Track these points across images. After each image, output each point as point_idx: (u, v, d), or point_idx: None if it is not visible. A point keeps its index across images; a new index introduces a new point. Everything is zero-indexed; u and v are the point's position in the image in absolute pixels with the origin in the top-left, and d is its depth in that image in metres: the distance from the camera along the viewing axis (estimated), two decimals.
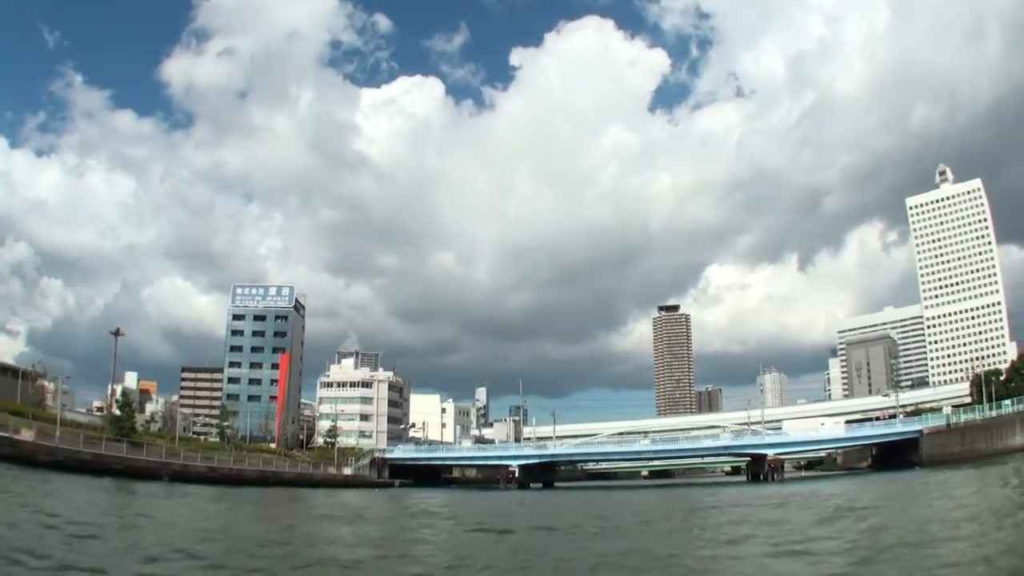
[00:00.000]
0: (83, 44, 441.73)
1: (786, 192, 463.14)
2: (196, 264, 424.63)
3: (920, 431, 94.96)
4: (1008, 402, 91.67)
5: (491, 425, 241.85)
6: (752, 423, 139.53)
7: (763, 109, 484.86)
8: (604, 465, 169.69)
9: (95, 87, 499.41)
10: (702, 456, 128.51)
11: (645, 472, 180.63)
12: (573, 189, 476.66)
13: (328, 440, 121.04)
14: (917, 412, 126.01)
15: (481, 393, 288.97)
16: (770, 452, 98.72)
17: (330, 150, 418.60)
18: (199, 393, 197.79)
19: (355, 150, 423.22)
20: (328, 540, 30.22)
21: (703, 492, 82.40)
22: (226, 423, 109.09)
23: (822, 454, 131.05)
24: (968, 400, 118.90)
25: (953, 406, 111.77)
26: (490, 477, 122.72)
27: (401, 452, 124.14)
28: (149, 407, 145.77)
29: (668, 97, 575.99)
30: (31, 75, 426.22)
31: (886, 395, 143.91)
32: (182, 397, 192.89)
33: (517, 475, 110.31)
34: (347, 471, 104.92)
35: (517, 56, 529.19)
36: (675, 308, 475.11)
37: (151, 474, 64.08)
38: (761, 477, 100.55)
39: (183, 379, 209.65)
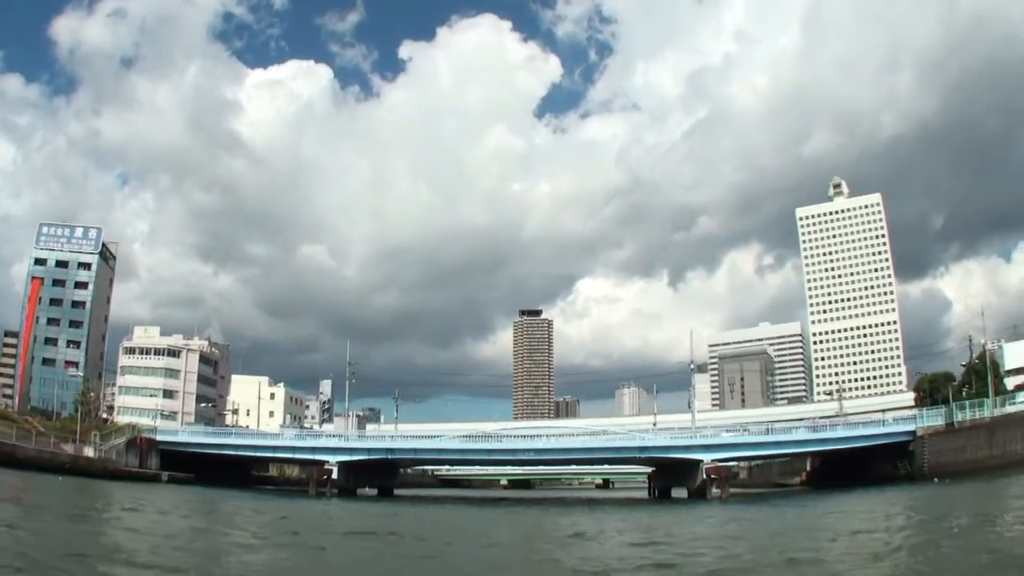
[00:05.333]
0: None
1: (665, 207, 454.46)
2: None
3: (913, 432, 68.42)
4: None
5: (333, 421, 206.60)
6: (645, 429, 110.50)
7: (655, 122, 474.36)
8: (460, 470, 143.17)
9: None
10: (599, 462, 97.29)
11: (504, 481, 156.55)
12: (452, 190, 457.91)
13: (78, 404, 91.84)
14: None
15: (326, 386, 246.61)
16: (706, 457, 68.20)
17: (209, 130, 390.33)
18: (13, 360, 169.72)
19: (234, 131, 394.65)
20: None
21: (642, 514, 52.25)
22: None
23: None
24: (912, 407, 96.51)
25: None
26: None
27: (183, 435, 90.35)
28: None
29: (558, 103, 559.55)
30: None
31: (835, 398, 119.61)
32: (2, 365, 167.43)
33: (336, 476, 75.54)
34: (88, 452, 78.70)
35: (407, 49, 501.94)
36: (537, 313, 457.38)
37: None
38: (677, 494, 71.72)
39: (5, 345, 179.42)
